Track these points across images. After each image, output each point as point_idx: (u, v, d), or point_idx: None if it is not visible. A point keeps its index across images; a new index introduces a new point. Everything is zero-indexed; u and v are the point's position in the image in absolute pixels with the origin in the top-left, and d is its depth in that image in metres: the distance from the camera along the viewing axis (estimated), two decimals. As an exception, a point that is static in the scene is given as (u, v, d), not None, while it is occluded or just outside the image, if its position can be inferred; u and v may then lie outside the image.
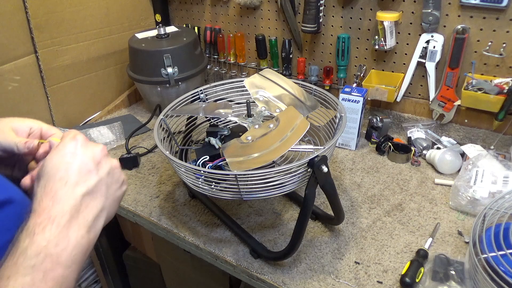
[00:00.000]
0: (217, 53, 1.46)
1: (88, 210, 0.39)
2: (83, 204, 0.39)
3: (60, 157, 0.40)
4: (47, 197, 0.37)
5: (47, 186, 0.38)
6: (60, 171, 0.39)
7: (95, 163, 0.41)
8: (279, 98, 0.87)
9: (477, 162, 0.93)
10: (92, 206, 0.40)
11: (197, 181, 0.72)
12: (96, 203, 0.40)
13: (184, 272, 1.22)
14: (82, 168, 0.40)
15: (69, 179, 0.39)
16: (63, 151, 0.40)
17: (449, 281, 0.70)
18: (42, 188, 0.38)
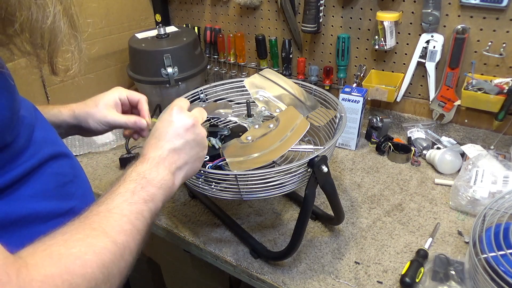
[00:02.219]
0: (217, 53, 1.46)
1: (172, 160, 0.53)
2: (168, 155, 0.53)
3: (160, 122, 0.56)
4: (147, 147, 0.54)
5: (149, 141, 0.55)
6: (158, 132, 0.55)
7: (184, 129, 0.55)
8: (279, 98, 0.87)
9: (477, 162, 0.93)
10: (176, 159, 0.53)
11: (197, 181, 0.72)
12: (179, 157, 0.54)
13: (184, 272, 1.22)
14: (173, 132, 0.54)
15: (162, 138, 0.54)
16: (163, 118, 0.56)
17: (449, 281, 0.70)
18: (146, 142, 0.55)
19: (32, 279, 0.32)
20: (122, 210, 0.44)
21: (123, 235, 0.42)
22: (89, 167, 1.11)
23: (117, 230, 0.42)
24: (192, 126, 0.57)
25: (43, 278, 0.33)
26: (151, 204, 0.47)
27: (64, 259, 0.35)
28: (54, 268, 0.34)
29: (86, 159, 1.15)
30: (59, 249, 0.36)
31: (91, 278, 0.36)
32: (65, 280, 0.34)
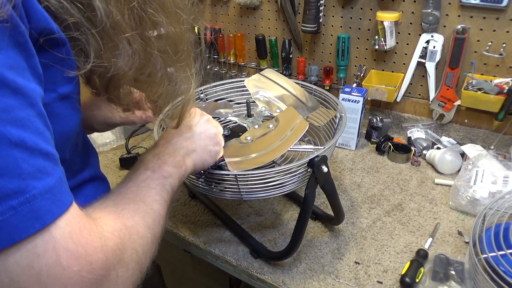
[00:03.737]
0: (217, 53, 1.46)
1: (180, 146, 0.58)
2: (177, 142, 0.58)
3: None
4: (160, 137, 0.60)
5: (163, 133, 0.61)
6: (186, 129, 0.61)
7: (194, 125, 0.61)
8: (280, 98, 0.87)
9: (477, 162, 0.93)
10: (184, 145, 0.58)
11: (197, 181, 0.72)
12: (187, 144, 0.58)
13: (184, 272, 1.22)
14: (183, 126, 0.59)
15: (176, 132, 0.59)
16: None
17: (449, 281, 0.70)
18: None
19: (104, 229, 0.36)
20: (149, 185, 0.49)
21: (156, 204, 0.47)
22: (89, 167, 1.11)
23: (151, 200, 0.47)
24: (205, 122, 0.63)
25: (112, 230, 0.37)
26: (170, 179, 0.52)
27: (120, 217, 0.40)
28: (116, 223, 0.39)
29: (86, 159, 1.15)
30: (114, 209, 0.41)
31: (143, 235, 0.41)
32: (126, 234, 0.38)
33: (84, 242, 0.33)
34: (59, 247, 0.31)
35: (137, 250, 0.40)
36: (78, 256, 0.32)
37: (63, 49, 0.36)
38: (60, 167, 0.34)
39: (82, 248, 0.32)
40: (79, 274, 0.31)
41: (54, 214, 0.31)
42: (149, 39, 0.43)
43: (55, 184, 0.32)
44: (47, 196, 0.31)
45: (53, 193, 0.31)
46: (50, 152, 0.33)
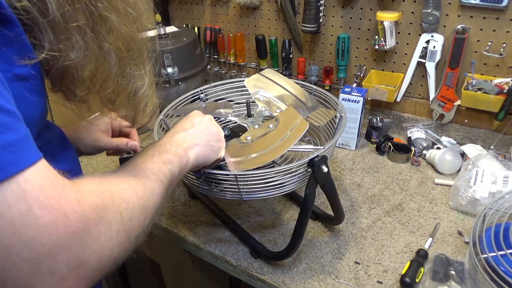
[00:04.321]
0: (217, 53, 1.46)
1: (183, 139, 0.59)
2: (180, 136, 0.60)
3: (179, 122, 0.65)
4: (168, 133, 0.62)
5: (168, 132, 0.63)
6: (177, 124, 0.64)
7: (198, 121, 0.64)
8: (280, 98, 0.87)
9: (477, 162, 0.93)
10: (187, 139, 0.60)
11: (197, 181, 0.72)
12: (190, 138, 0.60)
13: (184, 272, 1.22)
14: (188, 122, 0.64)
15: (177, 127, 0.63)
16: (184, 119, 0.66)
17: (449, 281, 0.70)
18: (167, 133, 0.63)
19: (82, 189, 0.37)
20: (146, 165, 0.50)
21: (149, 180, 0.47)
22: (89, 167, 1.11)
23: (144, 176, 0.47)
24: (207, 120, 0.65)
25: (91, 190, 0.38)
26: (170, 165, 0.53)
27: (104, 183, 0.40)
28: (98, 186, 0.39)
29: (86, 159, 1.15)
30: (100, 178, 0.41)
31: (128, 201, 0.41)
32: (107, 197, 0.38)
33: (57, 196, 0.33)
34: (29, 199, 0.31)
35: (121, 213, 0.39)
36: (51, 208, 0.32)
37: (14, 29, 0.36)
38: (25, 127, 0.34)
39: (55, 201, 0.33)
40: (54, 224, 0.32)
41: (18, 166, 0.31)
42: (101, 34, 0.44)
43: (19, 139, 0.32)
44: (10, 149, 0.31)
45: (17, 147, 0.32)
46: (12, 110, 0.33)
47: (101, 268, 0.36)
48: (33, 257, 0.31)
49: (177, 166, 0.54)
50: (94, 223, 0.35)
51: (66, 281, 0.33)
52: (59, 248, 0.32)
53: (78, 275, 0.34)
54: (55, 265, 0.32)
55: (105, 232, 0.36)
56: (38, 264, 0.31)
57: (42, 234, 0.31)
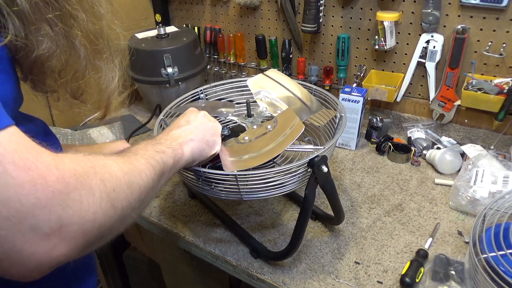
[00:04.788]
0: (217, 53, 1.46)
1: (178, 135, 0.61)
2: (176, 131, 0.62)
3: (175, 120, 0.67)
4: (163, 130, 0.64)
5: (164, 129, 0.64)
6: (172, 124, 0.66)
7: (193, 118, 0.66)
8: (282, 99, 0.87)
9: (477, 162, 0.93)
10: (182, 134, 0.61)
11: (197, 181, 0.72)
12: (185, 133, 0.62)
13: (184, 272, 1.22)
14: (184, 119, 0.65)
15: (173, 124, 0.65)
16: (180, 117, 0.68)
17: (449, 281, 0.70)
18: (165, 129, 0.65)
19: (62, 157, 0.37)
20: (137, 151, 0.51)
21: (138, 163, 0.48)
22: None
23: (133, 158, 0.48)
24: (202, 116, 0.67)
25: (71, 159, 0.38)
26: (162, 155, 0.54)
27: (88, 157, 0.40)
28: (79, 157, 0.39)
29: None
30: (83, 155, 0.41)
31: (112, 172, 0.41)
32: (89, 166, 0.38)
33: (33, 159, 0.33)
34: (3, 160, 0.31)
35: (104, 181, 0.39)
36: (27, 169, 0.32)
37: None
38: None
39: (30, 163, 0.33)
40: (31, 184, 0.32)
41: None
42: (71, 27, 0.46)
43: None
44: None
45: None
46: None
47: (84, 232, 0.36)
48: (13, 215, 0.31)
49: (171, 158, 0.55)
50: (74, 187, 0.35)
51: (48, 240, 0.33)
52: (39, 208, 0.32)
53: (61, 236, 0.34)
54: (37, 224, 0.32)
55: (87, 197, 0.36)
56: (19, 222, 0.31)
57: (19, 193, 0.32)
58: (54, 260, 0.34)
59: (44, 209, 0.33)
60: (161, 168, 0.52)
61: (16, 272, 0.33)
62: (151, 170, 0.49)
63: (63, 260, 0.35)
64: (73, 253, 0.36)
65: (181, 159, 0.58)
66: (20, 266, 0.33)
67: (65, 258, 0.35)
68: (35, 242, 0.33)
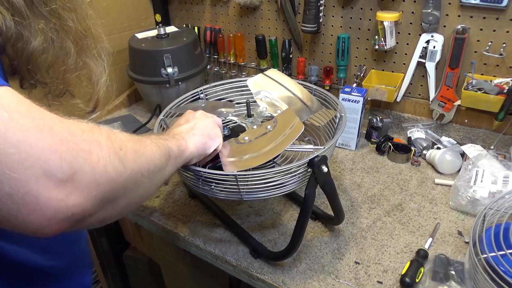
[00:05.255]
0: (217, 53, 1.46)
1: (180, 131, 0.63)
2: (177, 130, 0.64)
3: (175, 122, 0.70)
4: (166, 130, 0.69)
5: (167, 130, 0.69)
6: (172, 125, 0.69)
7: (191, 116, 0.69)
8: (282, 99, 0.87)
9: (477, 162, 0.93)
10: (183, 131, 0.64)
11: (197, 181, 0.72)
12: (185, 131, 0.64)
13: (184, 272, 1.22)
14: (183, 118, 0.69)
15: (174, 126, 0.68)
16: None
17: (449, 281, 0.70)
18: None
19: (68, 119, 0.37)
20: (141, 136, 0.51)
21: (143, 139, 0.49)
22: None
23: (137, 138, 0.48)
24: (200, 114, 0.69)
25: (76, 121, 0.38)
26: (166, 141, 0.55)
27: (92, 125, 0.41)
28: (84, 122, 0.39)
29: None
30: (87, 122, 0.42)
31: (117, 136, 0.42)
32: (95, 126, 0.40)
33: (37, 111, 0.34)
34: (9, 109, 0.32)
35: (111, 141, 0.40)
36: (33, 118, 0.33)
37: None
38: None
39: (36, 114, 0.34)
40: (39, 131, 0.33)
41: None
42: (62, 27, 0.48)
43: None
44: None
45: None
46: None
47: (97, 183, 0.36)
48: (24, 159, 0.32)
49: (175, 146, 0.56)
50: (82, 138, 0.36)
51: (63, 187, 0.34)
52: (49, 152, 0.33)
53: (74, 184, 0.34)
54: (49, 169, 0.33)
55: (96, 149, 0.37)
56: (31, 166, 0.32)
57: (28, 138, 0.32)
58: (70, 208, 0.34)
59: (54, 154, 0.33)
60: (166, 150, 0.53)
61: (35, 220, 0.33)
62: (156, 147, 0.50)
63: (80, 212, 0.35)
64: (88, 206, 0.36)
65: (185, 150, 0.59)
66: (37, 213, 0.33)
67: (82, 210, 0.35)
68: (50, 188, 0.33)
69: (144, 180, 0.45)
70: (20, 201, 0.32)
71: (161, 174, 0.51)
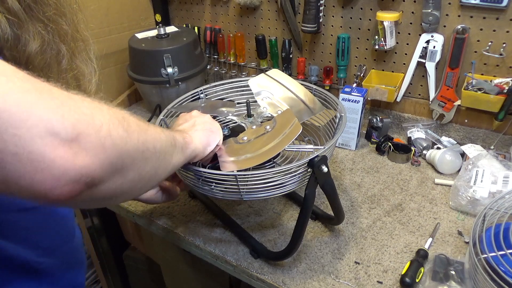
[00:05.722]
0: (217, 53, 1.46)
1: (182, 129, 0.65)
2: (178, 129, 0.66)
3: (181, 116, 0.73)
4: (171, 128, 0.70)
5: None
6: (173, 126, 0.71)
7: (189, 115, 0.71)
8: (283, 99, 0.87)
9: (477, 162, 0.93)
10: (185, 128, 0.65)
11: (197, 181, 0.72)
12: (187, 127, 0.66)
13: (184, 272, 1.22)
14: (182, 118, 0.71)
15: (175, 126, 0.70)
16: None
17: (449, 281, 0.70)
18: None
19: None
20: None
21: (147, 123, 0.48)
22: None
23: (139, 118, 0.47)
24: (196, 113, 0.71)
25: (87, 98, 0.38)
26: (171, 131, 0.56)
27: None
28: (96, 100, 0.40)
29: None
30: None
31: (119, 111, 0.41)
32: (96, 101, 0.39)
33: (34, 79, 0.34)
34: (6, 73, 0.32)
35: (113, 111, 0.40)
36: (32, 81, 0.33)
37: None
38: None
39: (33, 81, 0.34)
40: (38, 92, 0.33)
41: None
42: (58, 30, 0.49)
43: None
44: None
45: None
46: None
47: (103, 146, 0.36)
48: (26, 117, 0.31)
49: (180, 137, 0.56)
50: (82, 102, 0.36)
51: (68, 146, 0.33)
52: (51, 112, 0.33)
53: (80, 145, 0.34)
54: (52, 128, 0.33)
55: (97, 114, 0.37)
56: (34, 125, 0.32)
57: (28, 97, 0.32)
58: (79, 169, 0.34)
59: (57, 114, 0.33)
60: (171, 136, 0.52)
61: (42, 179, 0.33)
62: (160, 131, 0.50)
63: (89, 174, 0.35)
64: (97, 169, 0.36)
65: (190, 142, 0.60)
66: (45, 173, 0.33)
67: (91, 172, 0.35)
68: (55, 146, 0.33)
69: (151, 156, 0.45)
70: (26, 160, 0.32)
71: (168, 159, 0.51)
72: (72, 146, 0.34)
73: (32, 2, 0.45)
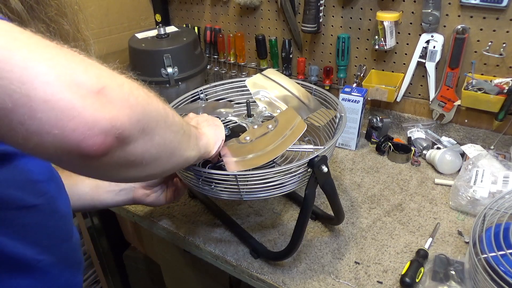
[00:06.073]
0: (217, 53, 1.46)
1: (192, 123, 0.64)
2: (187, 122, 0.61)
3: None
4: None
5: None
6: None
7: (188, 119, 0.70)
8: (281, 98, 0.87)
9: (477, 162, 0.93)
10: (193, 121, 0.66)
11: (197, 181, 0.72)
12: (194, 120, 0.67)
13: (184, 272, 1.22)
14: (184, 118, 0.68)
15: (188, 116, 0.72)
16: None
17: (449, 281, 0.70)
18: None
19: None
20: None
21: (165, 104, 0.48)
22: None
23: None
24: (193, 114, 0.72)
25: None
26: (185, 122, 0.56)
27: None
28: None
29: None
30: None
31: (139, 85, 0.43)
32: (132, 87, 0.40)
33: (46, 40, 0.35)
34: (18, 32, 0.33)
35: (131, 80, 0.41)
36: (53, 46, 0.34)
37: None
38: None
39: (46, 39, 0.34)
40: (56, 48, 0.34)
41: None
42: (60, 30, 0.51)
43: None
44: None
45: None
46: None
47: (128, 101, 0.37)
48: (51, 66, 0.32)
49: (193, 128, 0.56)
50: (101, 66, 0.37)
51: (95, 97, 0.34)
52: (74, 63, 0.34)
53: (107, 96, 0.35)
54: (77, 78, 0.33)
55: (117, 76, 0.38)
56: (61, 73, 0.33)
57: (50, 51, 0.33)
58: (109, 120, 0.34)
59: (80, 65, 0.34)
60: (184, 124, 0.52)
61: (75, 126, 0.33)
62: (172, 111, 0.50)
63: (120, 126, 0.35)
64: (126, 122, 0.36)
65: (202, 135, 0.60)
66: (77, 120, 0.33)
67: (121, 124, 0.36)
68: (83, 96, 0.33)
69: (171, 124, 0.45)
70: (57, 108, 0.32)
71: (185, 145, 0.51)
72: (99, 97, 0.34)
73: (34, 3, 0.46)
